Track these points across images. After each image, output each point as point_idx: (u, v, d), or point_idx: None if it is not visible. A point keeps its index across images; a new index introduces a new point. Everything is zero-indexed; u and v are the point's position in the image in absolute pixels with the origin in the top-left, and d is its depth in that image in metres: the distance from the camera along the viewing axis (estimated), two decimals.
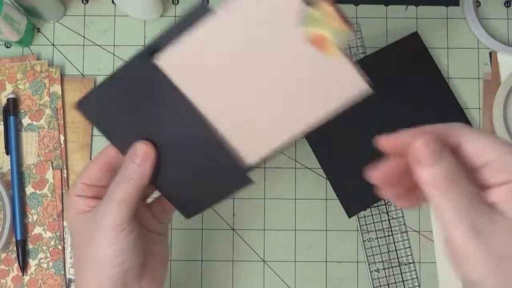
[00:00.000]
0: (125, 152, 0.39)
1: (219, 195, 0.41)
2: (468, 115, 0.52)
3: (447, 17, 0.54)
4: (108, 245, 0.37)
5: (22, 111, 0.52)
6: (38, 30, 0.54)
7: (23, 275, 0.51)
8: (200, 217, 0.52)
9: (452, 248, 0.30)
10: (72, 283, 0.51)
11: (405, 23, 0.54)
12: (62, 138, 0.52)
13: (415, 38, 0.52)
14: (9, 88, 0.53)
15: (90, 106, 0.40)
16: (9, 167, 0.52)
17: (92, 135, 0.53)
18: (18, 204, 0.51)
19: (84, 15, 0.54)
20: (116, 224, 0.37)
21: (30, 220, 0.52)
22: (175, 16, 0.54)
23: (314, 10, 0.35)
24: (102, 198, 0.38)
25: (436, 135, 0.31)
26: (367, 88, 0.37)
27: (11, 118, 0.52)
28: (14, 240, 0.51)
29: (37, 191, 0.52)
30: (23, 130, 0.52)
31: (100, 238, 0.37)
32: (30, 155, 0.52)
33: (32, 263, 0.51)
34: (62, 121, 0.52)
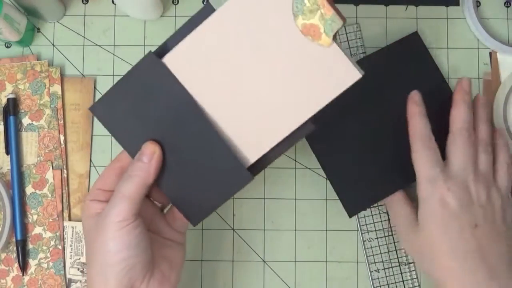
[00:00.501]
0: (135, 155, 0.40)
1: (222, 196, 0.41)
2: None
3: (447, 17, 0.54)
4: (112, 239, 0.37)
5: (22, 111, 0.53)
6: (38, 30, 0.54)
7: (23, 275, 0.51)
8: None
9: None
10: (72, 283, 0.51)
11: (405, 23, 0.54)
12: (62, 138, 0.52)
13: (415, 38, 0.52)
14: (9, 88, 0.53)
15: (103, 110, 0.41)
16: (9, 167, 0.52)
17: (92, 135, 0.53)
18: (18, 204, 0.51)
19: (84, 15, 0.54)
20: (120, 219, 0.38)
21: (30, 220, 0.52)
22: (175, 16, 0.54)
23: (306, 0, 0.36)
24: None
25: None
26: (359, 76, 0.37)
27: (11, 118, 0.52)
28: (14, 240, 0.51)
29: (37, 191, 0.52)
30: (23, 130, 0.52)
31: (105, 233, 0.38)
32: (30, 155, 0.52)
33: (32, 263, 0.51)
34: (62, 121, 0.52)
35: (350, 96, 0.39)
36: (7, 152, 0.52)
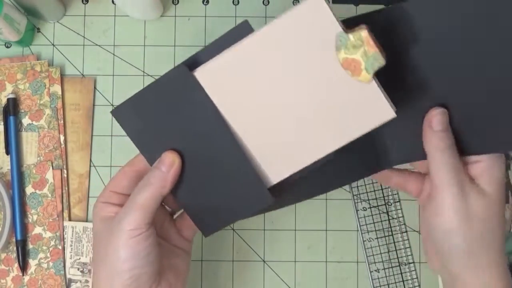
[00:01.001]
0: (153, 162, 0.40)
1: (239, 213, 0.42)
2: None
3: None
4: (123, 247, 0.37)
5: (22, 111, 0.53)
6: (38, 30, 0.54)
7: (23, 275, 0.51)
8: None
9: (434, 201, 0.38)
10: (72, 283, 0.51)
11: None
12: (62, 138, 0.52)
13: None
14: (9, 88, 0.53)
15: (124, 114, 0.41)
16: (9, 167, 0.52)
17: (92, 135, 0.53)
18: (18, 204, 0.51)
19: (84, 15, 0.54)
20: (133, 227, 0.37)
21: (30, 220, 0.52)
22: (175, 16, 0.54)
23: (350, 35, 0.36)
24: None
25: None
26: (394, 115, 0.38)
27: (11, 118, 0.52)
28: (14, 240, 0.51)
29: (37, 191, 0.52)
30: (23, 130, 0.52)
31: (116, 240, 0.37)
32: (30, 155, 0.52)
33: (32, 263, 0.51)
34: (62, 121, 0.52)
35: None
36: (7, 152, 0.52)
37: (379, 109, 0.38)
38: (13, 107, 0.52)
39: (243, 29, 0.38)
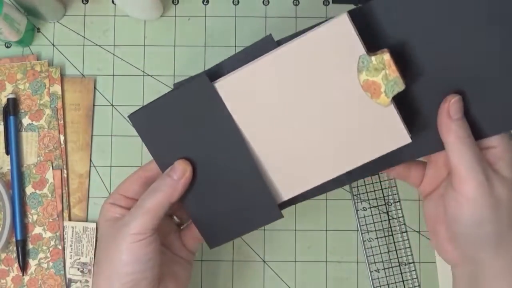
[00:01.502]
0: (165, 169, 0.40)
1: (246, 226, 0.42)
2: None
3: None
4: (126, 250, 0.37)
5: (22, 111, 0.53)
6: (38, 30, 0.54)
7: (23, 275, 0.51)
8: None
9: (457, 193, 0.36)
10: (72, 283, 0.51)
11: None
12: (62, 138, 0.52)
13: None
14: (9, 88, 0.53)
15: (141, 119, 0.41)
16: (9, 167, 0.52)
17: (92, 135, 0.53)
18: (18, 204, 0.51)
19: (84, 15, 0.54)
20: (137, 231, 0.38)
21: (30, 220, 0.52)
22: (175, 16, 0.54)
23: (373, 57, 0.36)
24: None
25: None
26: (409, 140, 0.38)
27: (11, 118, 0.52)
28: (14, 240, 0.51)
29: (37, 191, 0.52)
30: (23, 130, 0.52)
31: (120, 243, 0.38)
32: (30, 155, 0.52)
33: (32, 263, 0.51)
34: (62, 121, 0.52)
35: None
36: (7, 152, 0.52)
37: (396, 134, 0.38)
38: (13, 107, 0.52)
39: (266, 43, 0.38)
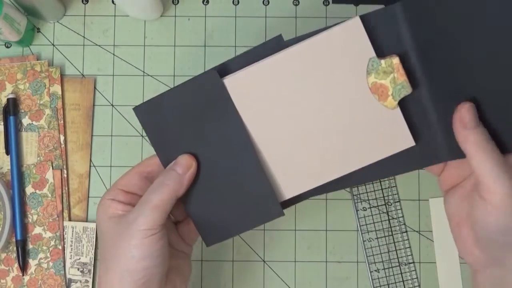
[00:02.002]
0: (167, 164, 0.40)
1: (246, 224, 0.42)
2: None
3: None
4: (137, 247, 0.37)
5: (22, 111, 0.53)
6: (38, 30, 0.54)
7: (23, 275, 0.51)
8: None
9: (484, 202, 0.35)
10: (72, 283, 0.51)
11: None
12: (62, 138, 0.52)
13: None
14: (9, 88, 0.53)
15: (147, 112, 0.41)
16: (9, 167, 0.52)
17: (92, 135, 0.53)
18: (18, 204, 0.51)
19: (84, 15, 0.54)
20: (148, 227, 0.37)
21: (30, 220, 0.52)
22: (175, 16, 0.54)
23: (382, 60, 0.37)
24: (134, 205, 0.39)
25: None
26: (413, 143, 0.38)
27: (11, 118, 0.52)
28: (14, 240, 0.51)
29: (37, 191, 0.52)
30: (23, 130, 0.52)
31: (130, 240, 0.37)
32: (30, 155, 0.52)
33: (32, 263, 0.51)
34: (62, 121, 0.52)
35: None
36: (7, 152, 0.52)
37: (400, 136, 0.38)
38: (13, 107, 0.52)
39: (276, 43, 0.39)
